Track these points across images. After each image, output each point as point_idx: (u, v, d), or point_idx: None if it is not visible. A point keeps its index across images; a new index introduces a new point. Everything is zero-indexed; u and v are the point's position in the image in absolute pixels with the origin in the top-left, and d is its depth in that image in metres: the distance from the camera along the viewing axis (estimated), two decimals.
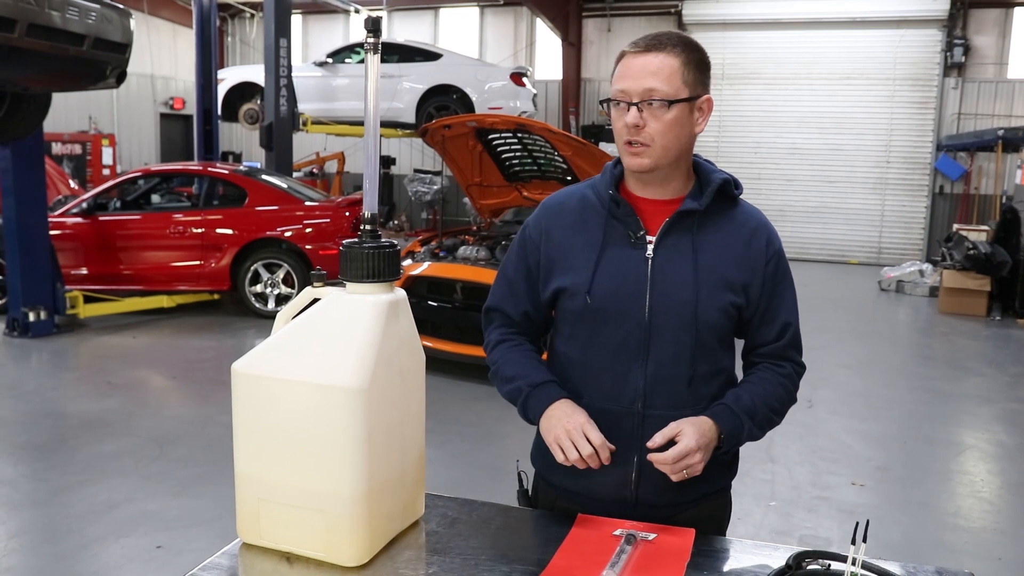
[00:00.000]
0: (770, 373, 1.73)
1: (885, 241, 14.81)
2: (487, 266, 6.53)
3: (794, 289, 1.76)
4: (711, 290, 1.64)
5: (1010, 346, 8.42)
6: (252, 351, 1.49)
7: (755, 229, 1.70)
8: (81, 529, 3.81)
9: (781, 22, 14.60)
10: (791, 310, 1.74)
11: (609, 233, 1.68)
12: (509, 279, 1.81)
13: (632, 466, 1.68)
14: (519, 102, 12.05)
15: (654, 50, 1.60)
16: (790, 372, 1.74)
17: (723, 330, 1.68)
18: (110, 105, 16.10)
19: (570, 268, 1.70)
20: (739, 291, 1.66)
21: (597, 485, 1.71)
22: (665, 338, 1.65)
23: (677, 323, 1.64)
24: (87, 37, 4.82)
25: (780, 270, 1.72)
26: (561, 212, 1.76)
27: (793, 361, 1.75)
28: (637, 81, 1.60)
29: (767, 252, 1.69)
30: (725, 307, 1.65)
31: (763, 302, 1.70)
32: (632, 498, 1.70)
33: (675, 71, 1.60)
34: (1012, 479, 4.97)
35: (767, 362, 1.74)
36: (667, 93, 1.59)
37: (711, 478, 1.72)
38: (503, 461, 4.85)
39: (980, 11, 14.15)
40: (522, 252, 1.79)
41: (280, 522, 1.48)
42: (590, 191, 1.75)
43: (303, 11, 17.13)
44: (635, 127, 1.60)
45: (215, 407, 5.69)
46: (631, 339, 1.65)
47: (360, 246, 1.46)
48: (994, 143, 13.39)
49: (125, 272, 8.40)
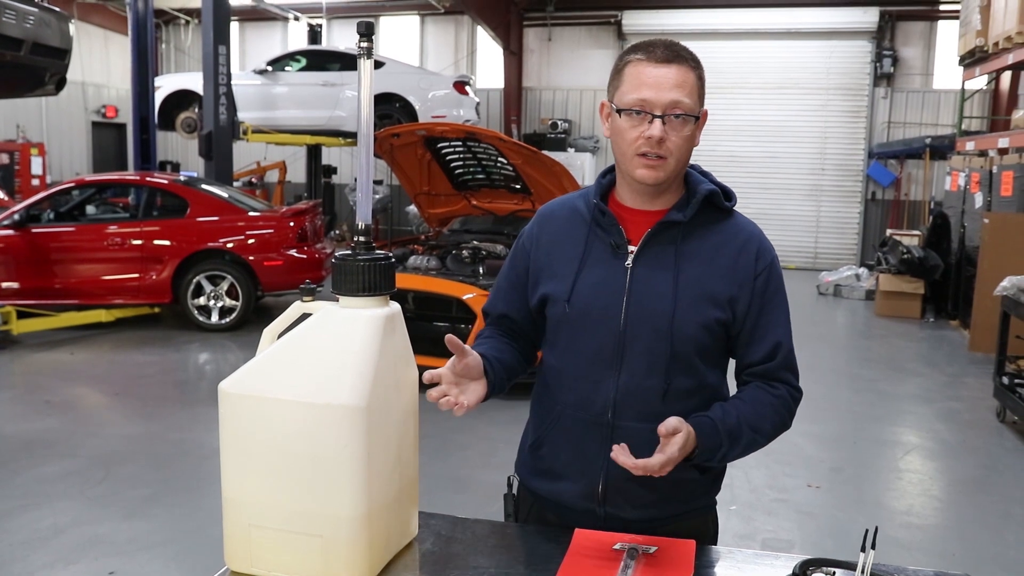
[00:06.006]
0: (763, 393, 1.64)
1: (821, 246, 15.18)
2: (438, 276, 6.48)
3: (787, 307, 1.69)
4: (691, 303, 1.60)
5: (944, 347, 8.70)
6: (240, 369, 1.43)
7: (745, 242, 1.66)
8: (26, 556, 3.63)
9: (719, 32, 14.90)
10: (783, 329, 1.66)
11: (592, 242, 1.67)
12: (500, 285, 1.82)
13: (599, 478, 1.65)
14: (463, 111, 12.01)
15: (676, 62, 1.56)
16: (784, 395, 1.65)
17: (704, 345, 1.62)
18: (39, 113, 15.55)
19: (554, 275, 1.69)
20: (724, 306, 1.61)
21: (565, 495, 1.70)
22: (638, 348, 1.62)
23: (652, 334, 1.60)
24: (25, 42, 4.63)
25: (771, 286, 1.66)
26: (552, 220, 1.75)
27: (788, 384, 1.66)
28: (661, 92, 1.54)
29: (756, 266, 1.64)
30: (707, 322, 1.60)
31: (751, 318, 1.63)
32: (601, 512, 1.67)
33: (695, 86, 1.58)
34: (958, 476, 5.11)
35: (760, 382, 1.66)
36: (691, 107, 1.56)
37: (691, 496, 1.70)
38: (464, 472, 4.80)
39: (907, 23, 14.64)
40: (514, 259, 1.79)
41: (273, 548, 1.42)
42: (580, 200, 1.74)
43: (240, 18, 16.82)
44: (659, 140, 1.55)
45: (161, 424, 5.52)
46: (606, 348, 1.63)
47: (354, 258, 1.42)
48: (922, 151, 13.89)
49: (60, 286, 8.10)
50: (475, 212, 7.68)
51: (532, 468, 1.78)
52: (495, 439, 5.15)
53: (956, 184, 9.95)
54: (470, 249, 6.92)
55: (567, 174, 6.61)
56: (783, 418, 1.65)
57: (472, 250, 6.91)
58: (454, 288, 6.20)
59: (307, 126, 12.08)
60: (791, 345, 1.67)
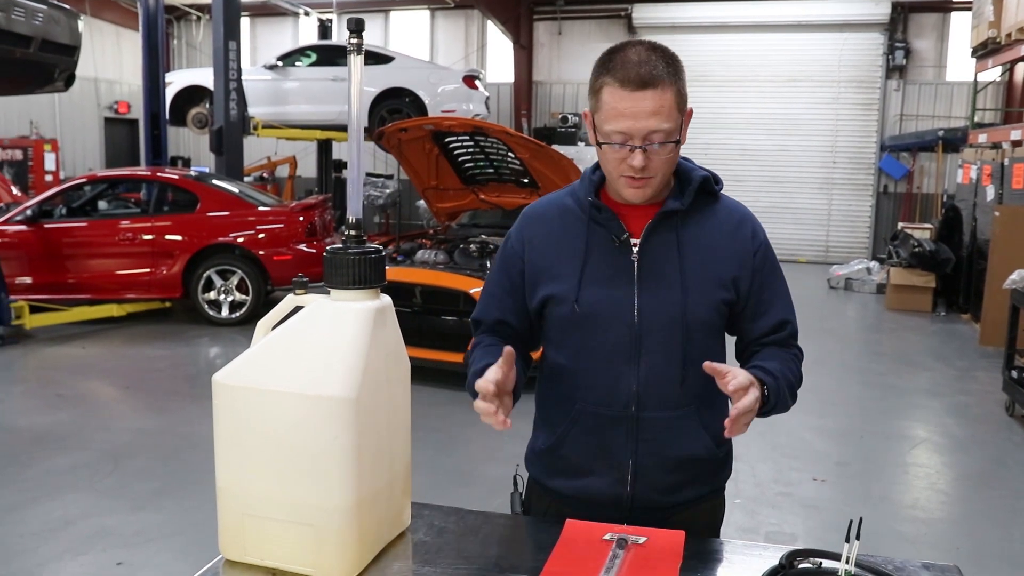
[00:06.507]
0: (783, 351, 1.70)
1: (832, 240, 15.12)
2: (446, 270, 6.50)
3: (785, 281, 1.75)
4: (700, 287, 1.64)
5: (955, 340, 8.65)
6: (234, 361, 1.45)
7: (739, 222, 1.70)
8: (36, 548, 3.68)
9: (729, 25, 14.82)
10: (786, 303, 1.73)
11: (592, 239, 1.67)
12: (491, 291, 1.80)
13: (628, 468, 1.68)
14: (472, 105, 12.03)
15: (651, 85, 1.52)
16: (798, 354, 1.74)
17: (715, 327, 1.68)
18: (52, 109, 15.66)
19: (556, 276, 1.69)
20: (729, 286, 1.66)
21: (593, 487, 1.71)
22: (656, 339, 1.64)
23: (667, 323, 1.63)
24: (34, 39, 4.68)
25: (768, 261, 1.71)
26: (542, 221, 1.75)
27: (798, 347, 1.75)
28: (638, 123, 1.53)
29: (753, 244, 1.69)
30: (716, 304, 1.65)
31: (754, 294, 1.69)
32: (628, 500, 1.70)
33: (672, 105, 1.55)
34: (965, 470, 5.10)
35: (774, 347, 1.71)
36: (671, 131, 1.55)
37: (708, 477, 1.75)
38: (468, 466, 4.83)
39: (919, 15, 14.53)
40: (504, 264, 1.78)
41: (266, 537, 1.44)
42: (569, 198, 1.74)
43: (251, 13, 16.88)
44: (642, 168, 1.56)
45: (171, 418, 5.57)
46: (622, 343, 1.65)
47: (345, 252, 1.43)
48: (935, 143, 13.80)
49: (72, 281, 8.17)
50: (483, 206, 7.69)
51: (551, 469, 1.78)
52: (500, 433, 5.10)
53: (968, 177, 9.88)
54: (478, 243, 6.94)
55: (574, 167, 6.61)
56: (799, 374, 1.71)
57: (480, 244, 6.92)
58: (461, 282, 6.22)
59: (317, 121, 12.12)
60: (794, 316, 1.74)
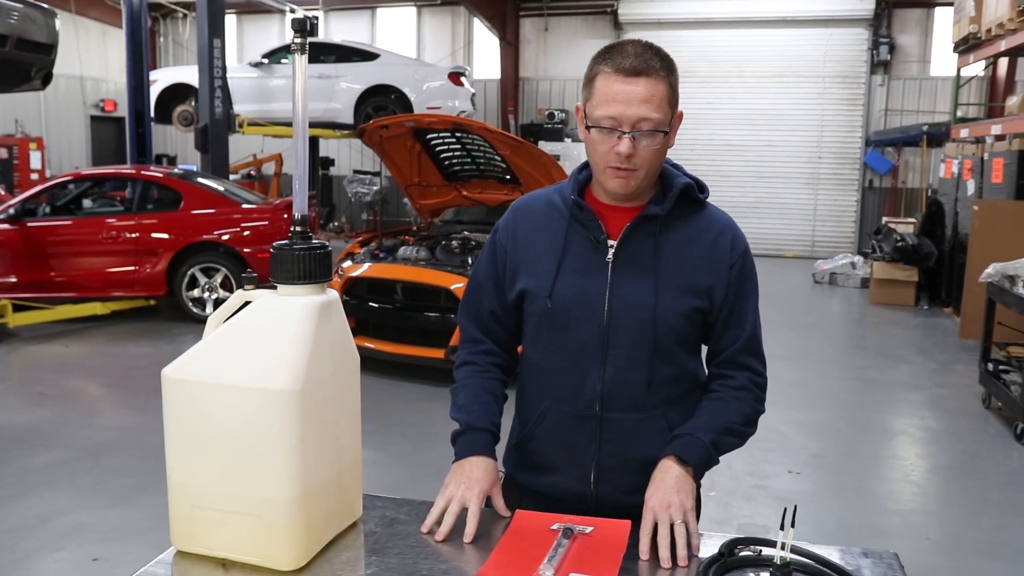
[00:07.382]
0: (726, 392, 1.72)
1: (818, 234, 15.20)
2: (427, 266, 6.52)
3: (757, 294, 1.76)
4: (672, 294, 1.65)
5: (937, 334, 8.71)
6: (182, 356, 1.48)
7: (720, 232, 1.70)
8: (13, 544, 3.70)
9: (715, 21, 14.87)
10: (753, 316, 1.73)
11: (571, 237, 1.69)
12: (479, 281, 1.82)
13: (591, 468, 1.72)
14: (458, 102, 12.04)
15: (644, 75, 1.54)
16: (743, 383, 1.73)
17: (685, 334, 1.69)
18: (38, 107, 15.61)
19: (532, 271, 1.71)
20: (703, 295, 1.67)
21: (559, 484, 1.76)
22: (623, 341, 1.66)
23: (635, 327, 1.65)
24: (9, 38, 4.68)
25: (744, 273, 1.71)
26: (528, 215, 1.77)
27: (750, 369, 1.74)
28: (629, 108, 1.54)
29: (732, 255, 1.69)
30: (687, 311, 1.66)
31: (727, 306, 1.69)
32: (593, 499, 1.73)
33: (664, 97, 1.56)
34: (939, 462, 5.15)
35: (717, 382, 1.74)
36: (660, 122, 1.56)
37: None
38: (447, 461, 4.85)
39: (903, 11, 14.61)
40: (492, 255, 1.80)
41: (214, 528, 1.46)
42: (556, 195, 1.76)
43: (237, 11, 16.85)
44: (629, 156, 1.57)
45: (152, 415, 5.55)
46: (590, 342, 1.67)
47: (290, 248, 1.46)
48: (919, 138, 13.88)
49: (56, 279, 8.16)
50: (466, 203, 7.72)
51: (520, 464, 1.83)
52: None
53: (950, 171, 9.95)
54: (459, 239, 6.96)
55: (555, 164, 6.64)
56: (751, 407, 1.74)
57: (462, 240, 6.94)
58: (442, 278, 6.25)
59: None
60: (759, 331, 1.76)
